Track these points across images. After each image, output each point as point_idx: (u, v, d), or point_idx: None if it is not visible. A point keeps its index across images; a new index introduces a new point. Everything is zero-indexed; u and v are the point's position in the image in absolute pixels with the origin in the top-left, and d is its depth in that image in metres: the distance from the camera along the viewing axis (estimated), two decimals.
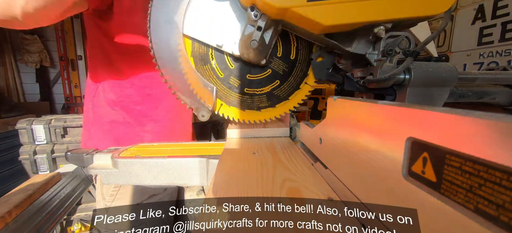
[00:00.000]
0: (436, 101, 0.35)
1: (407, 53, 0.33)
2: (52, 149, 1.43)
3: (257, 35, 0.39)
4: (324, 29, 0.35)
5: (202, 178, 0.43)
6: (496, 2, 0.98)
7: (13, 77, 2.54)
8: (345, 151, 0.27)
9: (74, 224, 1.39)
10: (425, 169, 0.15)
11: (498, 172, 0.11)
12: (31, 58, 2.54)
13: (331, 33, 0.38)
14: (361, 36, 0.37)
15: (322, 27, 0.35)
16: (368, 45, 0.38)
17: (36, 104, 2.62)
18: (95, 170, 0.43)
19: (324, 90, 0.97)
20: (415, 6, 0.33)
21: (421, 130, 0.16)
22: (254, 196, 0.26)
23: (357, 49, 0.39)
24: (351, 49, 0.39)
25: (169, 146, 0.52)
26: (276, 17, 0.37)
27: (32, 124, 1.40)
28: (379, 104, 0.20)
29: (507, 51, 0.95)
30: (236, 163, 0.38)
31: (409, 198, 0.17)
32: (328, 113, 0.32)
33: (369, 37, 0.36)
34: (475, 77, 0.39)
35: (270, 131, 0.55)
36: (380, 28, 0.34)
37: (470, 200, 0.13)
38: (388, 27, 0.34)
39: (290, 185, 0.29)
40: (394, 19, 0.33)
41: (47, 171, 1.41)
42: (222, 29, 0.44)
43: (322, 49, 0.46)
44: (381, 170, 0.20)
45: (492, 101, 0.42)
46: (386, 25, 0.34)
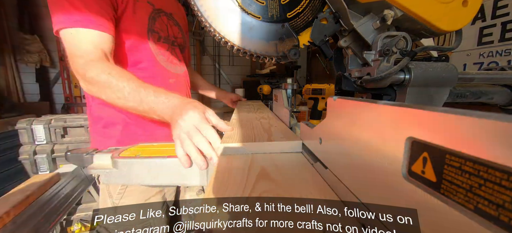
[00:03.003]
0: (436, 101, 0.35)
1: (404, 53, 0.33)
2: (52, 149, 1.43)
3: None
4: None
5: (202, 178, 0.43)
6: (496, 2, 0.98)
7: (13, 77, 2.54)
8: (345, 151, 0.27)
9: (74, 224, 1.39)
10: (425, 169, 0.15)
11: (498, 172, 0.11)
12: (31, 58, 2.54)
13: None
14: (370, 17, 0.38)
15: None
16: (371, 31, 0.39)
17: (36, 104, 2.62)
18: (95, 170, 0.43)
19: (324, 90, 0.97)
20: (431, 9, 0.34)
21: (421, 130, 0.16)
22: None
23: (361, 28, 0.39)
24: (356, 25, 0.39)
25: (169, 146, 0.52)
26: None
27: (32, 124, 1.40)
28: (379, 104, 0.20)
29: (507, 51, 0.95)
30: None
31: (409, 198, 0.17)
32: (328, 113, 0.32)
33: (377, 20, 0.37)
34: (472, 77, 0.39)
35: (277, 145, 0.43)
36: (390, 12, 0.34)
37: (470, 200, 0.13)
38: (398, 15, 0.35)
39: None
40: (407, 8, 0.34)
41: (47, 171, 1.41)
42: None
43: (331, 14, 0.44)
44: (381, 170, 0.20)
45: (490, 101, 0.42)
46: (397, 12, 0.35)
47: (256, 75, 2.88)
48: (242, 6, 0.44)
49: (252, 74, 2.96)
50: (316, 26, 0.46)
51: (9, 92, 2.51)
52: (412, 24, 0.37)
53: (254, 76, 2.84)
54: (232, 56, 3.10)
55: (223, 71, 3.14)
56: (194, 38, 2.87)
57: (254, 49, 0.46)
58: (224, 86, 3.16)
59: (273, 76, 2.58)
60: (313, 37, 0.46)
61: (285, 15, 0.45)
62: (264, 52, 0.47)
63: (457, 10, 0.35)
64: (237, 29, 0.45)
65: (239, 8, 0.44)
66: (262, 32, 0.46)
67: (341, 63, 0.49)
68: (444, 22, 0.36)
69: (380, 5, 0.36)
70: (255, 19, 0.45)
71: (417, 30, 0.39)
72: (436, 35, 0.40)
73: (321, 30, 0.46)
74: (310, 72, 2.85)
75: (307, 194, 0.28)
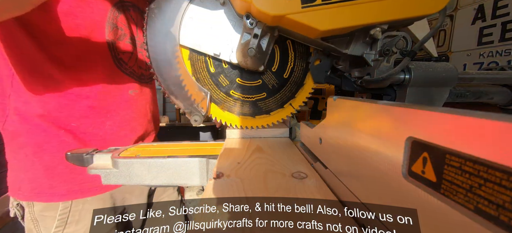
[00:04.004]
0: (436, 101, 0.35)
1: (404, 53, 0.33)
2: None
3: (254, 42, 0.40)
4: (320, 34, 0.35)
5: (202, 178, 0.43)
6: (496, 2, 0.98)
7: None
8: (345, 151, 0.27)
9: None
10: (425, 169, 0.15)
11: (498, 172, 0.11)
12: None
13: (328, 36, 0.38)
14: (358, 38, 0.38)
15: (318, 32, 0.35)
16: (365, 46, 0.38)
17: None
18: (95, 170, 0.43)
19: (324, 90, 0.97)
20: (410, 7, 0.33)
21: (421, 129, 0.16)
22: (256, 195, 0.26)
23: (354, 51, 0.39)
24: (348, 51, 0.39)
25: (169, 145, 0.52)
26: (272, 24, 0.37)
27: None
28: (379, 104, 0.20)
29: (507, 51, 0.95)
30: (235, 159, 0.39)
31: (409, 198, 0.17)
32: (328, 113, 0.32)
33: (366, 38, 0.36)
34: (472, 77, 0.39)
35: (270, 131, 0.56)
36: (376, 29, 0.34)
37: (470, 200, 0.13)
38: (385, 28, 0.34)
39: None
40: (389, 20, 0.33)
41: None
42: (218, 38, 0.44)
43: (320, 52, 0.46)
44: (381, 170, 0.20)
45: (490, 101, 0.42)
46: (382, 27, 0.34)
47: None
48: (245, 97, 0.49)
49: None
50: (313, 70, 0.48)
51: None
52: (402, 22, 0.37)
53: None
54: None
55: None
56: None
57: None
58: None
59: None
60: (316, 81, 0.48)
61: (282, 77, 0.48)
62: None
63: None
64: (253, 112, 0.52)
65: (244, 99, 0.50)
66: (276, 103, 0.51)
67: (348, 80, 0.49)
68: (429, 8, 0.33)
69: (362, 30, 0.35)
70: (263, 98, 0.50)
71: (408, 24, 0.38)
72: (426, 17, 0.39)
73: (319, 70, 0.47)
74: None
75: (290, 167, 0.36)
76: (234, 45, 0.44)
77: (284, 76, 0.48)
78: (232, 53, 0.44)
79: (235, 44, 0.43)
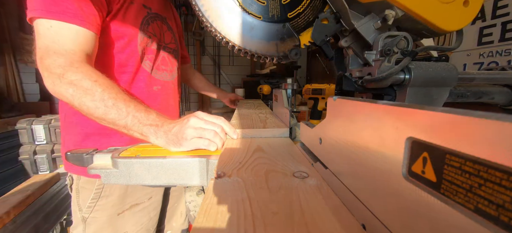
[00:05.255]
0: (436, 101, 0.35)
1: (405, 53, 0.33)
2: (52, 149, 1.43)
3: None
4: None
5: (202, 178, 0.43)
6: (496, 2, 0.98)
7: (13, 77, 2.54)
8: (345, 151, 0.27)
9: None
10: (425, 169, 0.15)
11: (498, 172, 0.11)
12: (31, 58, 2.54)
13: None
14: (371, 17, 0.38)
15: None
16: (372, 31, 0.39)
17: (36, 104, 2.62)
18: (95, 170, 0.43)
19: (324, 90, 0.97)
20: (432, 9, 0.34)
21: (421, 130, 0.16)
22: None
23: (362, 28, 0.39)
24: (357, 25, 0.39)
25: None
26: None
27: (32, 124, 1.40)
28: (379, 104, 0.20)
29: (507, 51, 0.95)
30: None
31: (409, 198, 0.17)
32: (328, 113, 0.32)
33: (378, 20, 0.37)
34: (473, 77, 0.39)
35: (270, 131, 0.56)
36: (391, 11, 0.34)
37: (470, 200, 0.13)
38: (399, 15, 0.35)
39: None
40: (408, 8, 0.34)
41: (47, 171, 1.41)
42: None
43: (332, 14, 0.44)
44: (381, 170, 0.20)
45: (491, 101, 0.42)
46: (398, 12, 0.35)
47: (256, 75, 2.87)
48: (243, 6, 0.44)
49: (252, 74, 2.95)
50: (317, 26, 0.45)
51: (9, 92, 2.51)
52: (413, 24, 0.37)
53: (254, 76, 2.84)
54: (232, 56, 3.09)
55: (223, 71, 3.13)
56: (194, 38, 2.87)
57: (255, 49, 0.46)
58: (224, 86, 3.16)
59: (273, 76, 2.58)
60: (314, 37, 0.46)
61: (286, 15, 0.45)
62: (265, 52, 0.47)
63: (458, 10, 0.35)
64: (238, 29, 0.45)
65: (240, 8, 0.44)
66: (263, 32, 0.46)
67: (341, 63, 0.49)
68: (445, 22, 0.36)
69: (381, 5, 0.36)
70: (256, 19, 0.45)
71: (418, 30, 0.39)
72: (437, 35, 0.40)
73: (322, 30, 0.45)
74: (310, 72, 2.85)
75: (291, 166, 0.37)
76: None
77: (288, 15, 0.45)
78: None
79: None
